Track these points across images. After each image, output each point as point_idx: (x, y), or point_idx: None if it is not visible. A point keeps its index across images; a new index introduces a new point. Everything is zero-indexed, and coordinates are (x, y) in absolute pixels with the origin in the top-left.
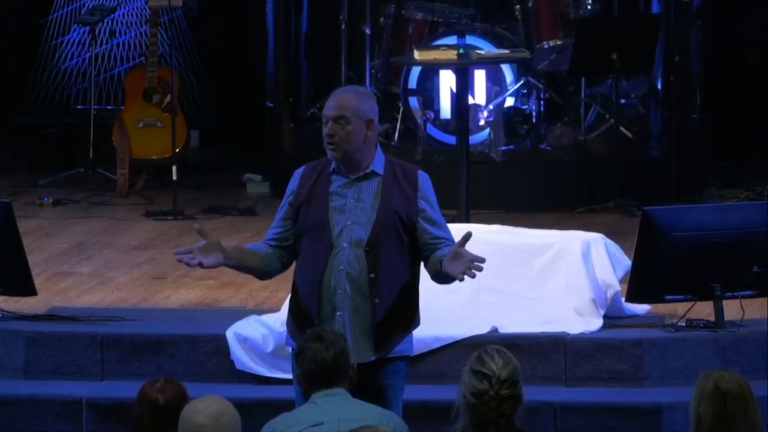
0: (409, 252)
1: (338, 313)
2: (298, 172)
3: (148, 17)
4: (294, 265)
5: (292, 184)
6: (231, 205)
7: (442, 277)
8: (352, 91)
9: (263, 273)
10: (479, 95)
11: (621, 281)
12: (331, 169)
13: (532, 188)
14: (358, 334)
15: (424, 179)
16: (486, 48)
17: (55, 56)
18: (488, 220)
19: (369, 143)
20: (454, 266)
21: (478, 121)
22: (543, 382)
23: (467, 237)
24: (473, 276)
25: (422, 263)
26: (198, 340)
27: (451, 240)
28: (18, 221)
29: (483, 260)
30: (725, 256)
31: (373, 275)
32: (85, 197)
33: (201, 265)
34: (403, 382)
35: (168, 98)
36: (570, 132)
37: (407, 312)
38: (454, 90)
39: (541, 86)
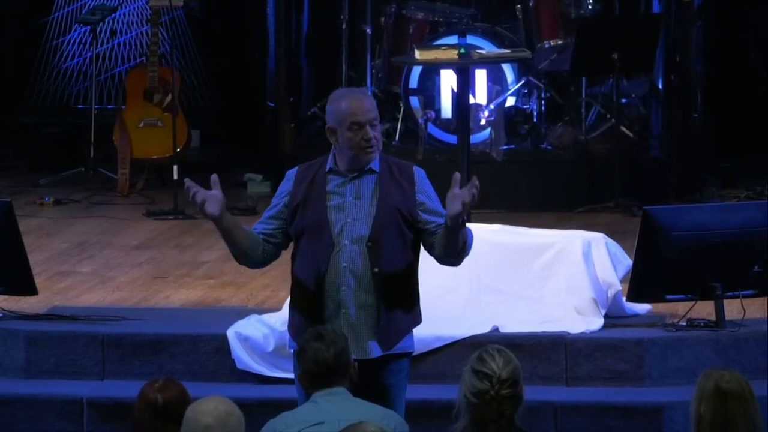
0: (411, 248)
1: (343, 311)
2: (291, 173)
3: (148, 17)
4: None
5: (286, 185)
6: (232, 204)
7: (448, 239)
8: (365, 93)
9: (245, 256)
10: (480, 95)
11: (622, 281)
12: (327, 169)
13: (533, 188)
14: (363, 331)
15: (419, 173)
16: (487, 47)
17: (56, 56)
18: (489, 220)
19: None
20: (453, 206)
21: (479, 120)
22: (543, 382)
23: (456, 179)
24: (473, 198)
25: (431, 252)
26: (199, 339)
27: None
28: (19, 221)
29: (477, 182)
30: (726, 255)
31: (376, 269)
32: (86, 197)
33: (202, 205)
34: (406, 381)
35: (169, 98)
36: (571, 132)
37: (411, 307)
38: (455, 89)
39: (541, 86)
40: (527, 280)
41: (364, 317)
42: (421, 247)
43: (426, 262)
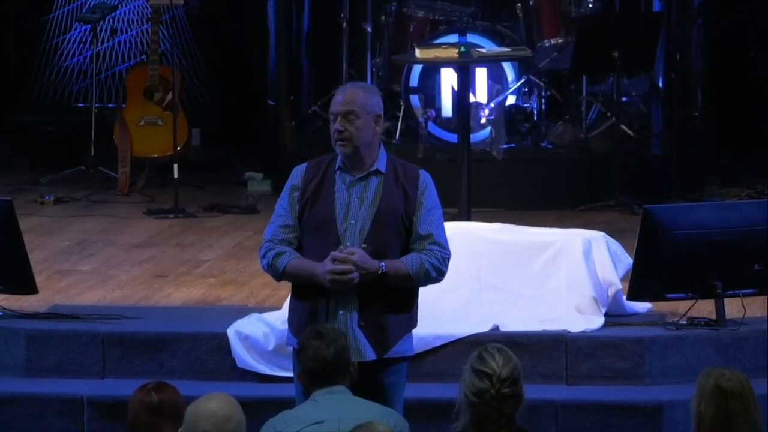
0: (408, 251)
1: (340, 312)
2: (300, 169)
3: (149, 15)
4: None
5: (295, 180)
6: (232, 203)
7: None
8: (360, 87)
9: None
10: (480, 93)
11: (622, 279)
12: (336, 167)
13: (534, 186)
14: (360, 332)
15: (425, 178)
16: (487, 46)
17: (56, 54)
18: (489, 218)
19: (376, 139)
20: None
21: (480, 119)
22: (544, 381)
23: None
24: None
25: None
26: (199, 338)
27: (438, 238)
28: (19, 219)
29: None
30: (726, 254)
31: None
32: (86, 195)
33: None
34: (404, 381)
35: (169, 96)
36: (571, 130)
37: (408, 310)
38: (456, 88)
39: (542, 84)
40: (528, 278)
41: (363, 319)
42: None
43: None
